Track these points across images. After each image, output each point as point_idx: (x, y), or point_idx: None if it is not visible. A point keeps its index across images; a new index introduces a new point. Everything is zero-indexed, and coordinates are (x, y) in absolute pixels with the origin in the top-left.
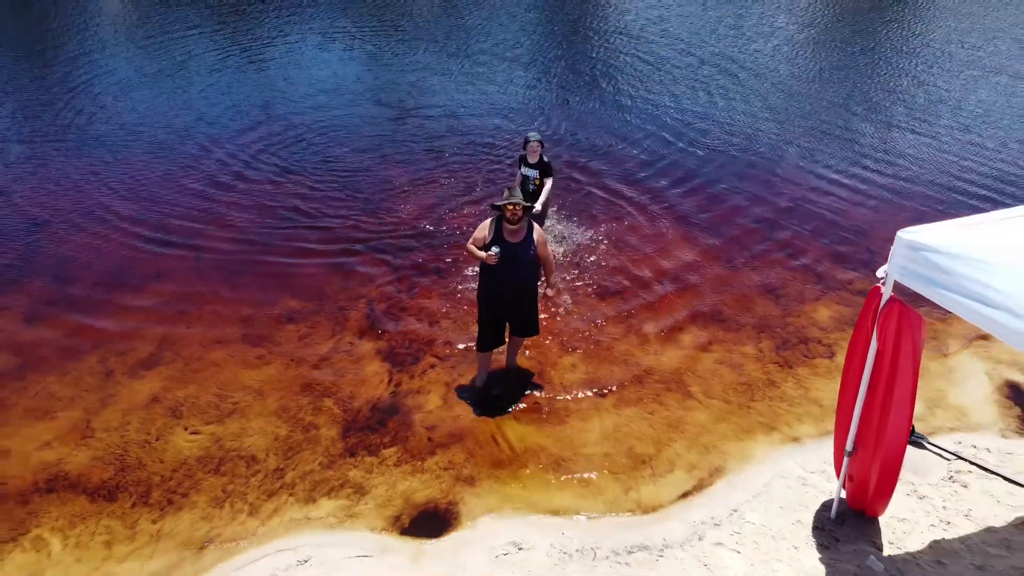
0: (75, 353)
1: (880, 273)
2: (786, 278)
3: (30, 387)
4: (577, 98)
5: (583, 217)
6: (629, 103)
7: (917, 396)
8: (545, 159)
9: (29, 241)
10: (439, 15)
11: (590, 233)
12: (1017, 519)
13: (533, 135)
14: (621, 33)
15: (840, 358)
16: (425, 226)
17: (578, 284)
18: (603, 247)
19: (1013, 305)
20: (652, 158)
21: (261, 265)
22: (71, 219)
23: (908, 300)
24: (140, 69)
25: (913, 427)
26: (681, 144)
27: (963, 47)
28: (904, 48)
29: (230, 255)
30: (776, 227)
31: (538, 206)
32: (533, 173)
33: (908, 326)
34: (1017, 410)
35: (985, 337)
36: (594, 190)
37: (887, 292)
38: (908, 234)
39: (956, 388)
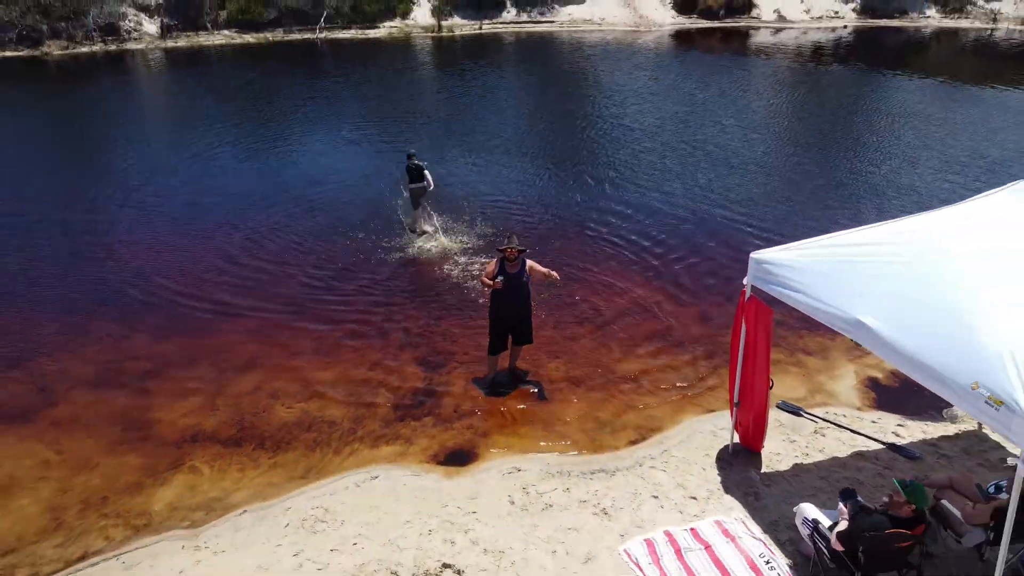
0: (193, 360)
1: (744, 281)
2: (721, 311)
3: (167, 381)
4: (564, 173)
5: (572, 260)
6: (612, 179)
7: (802, 383)
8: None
9: (142, 284)
10: (435, 113)
11: (573, 273)
12: (853, 452)
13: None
14: (595, 124)
15: None
16: (442, 271)
17: (562, 311)
18: (583, 284)
19: (804, 289)
20: (629, 222)
21: (318, 310)
22: (169, 270)
23: (763, 299)
24: (181, 157)
25: (769, 388)
26: (653, 210)
27: (873, 137)
28: (826, 141)
29: (291, 305)
30: (718, 277)
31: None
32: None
33: (762, 316)
34: (872, 394)
35: (863, 352)
36: (581, 241)
37: (748, 293)
38: (755, 254)
39: (832, 380)
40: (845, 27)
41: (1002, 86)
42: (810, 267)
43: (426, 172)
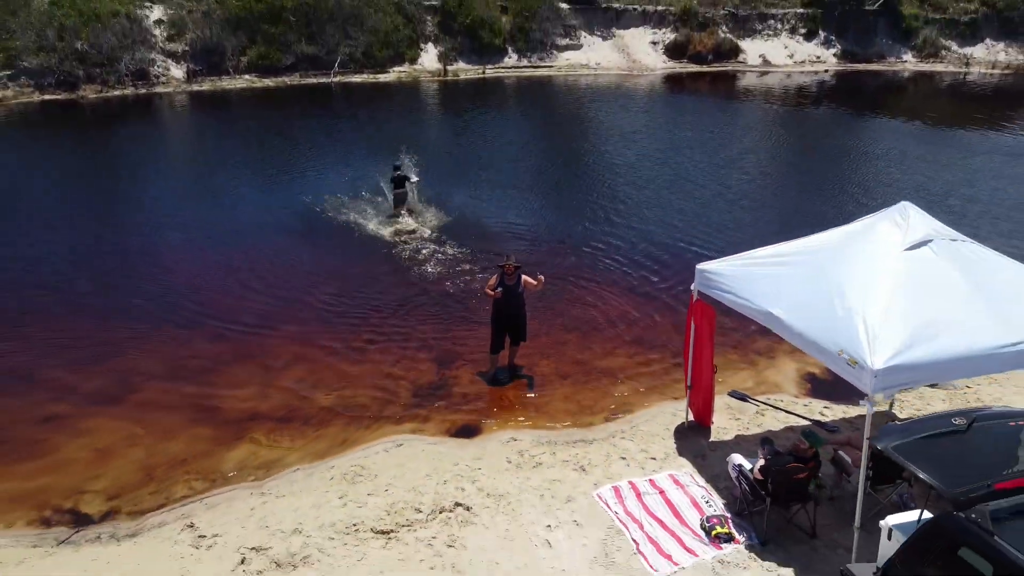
0: (244, 358)
1: (692, 287)
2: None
3: (224, 375)
4: (557, 203)
5: (561, 277)
6: (599, 209)
7: (751, 377)
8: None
9: (195, 296)
10: (441, 150)
11: (563, 288)
12: (785, 427)
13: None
14: (587, 161)
15: None
16: (449, 288)
17: (553, 320)
18: (570, 297)
19: (734, 291)
20: (611, 244)
21: (347, 320)
22: (215, 285)
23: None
24: (214, 189)
25: (713, 373)
26: (632, 234)
27: (833, 171)
28: (790, 175)
29: (323, 315)
30: (684, 289)
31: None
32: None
33: (707, 314)
34: (808, 385)
35: (803, 353)
36: (569, 261)
37: (695, 296)
38: (700, 265)
39: (776, 374)
40: (826, 71)
41: (963, 126)
42: (738, 274)
43: (407, 183)
